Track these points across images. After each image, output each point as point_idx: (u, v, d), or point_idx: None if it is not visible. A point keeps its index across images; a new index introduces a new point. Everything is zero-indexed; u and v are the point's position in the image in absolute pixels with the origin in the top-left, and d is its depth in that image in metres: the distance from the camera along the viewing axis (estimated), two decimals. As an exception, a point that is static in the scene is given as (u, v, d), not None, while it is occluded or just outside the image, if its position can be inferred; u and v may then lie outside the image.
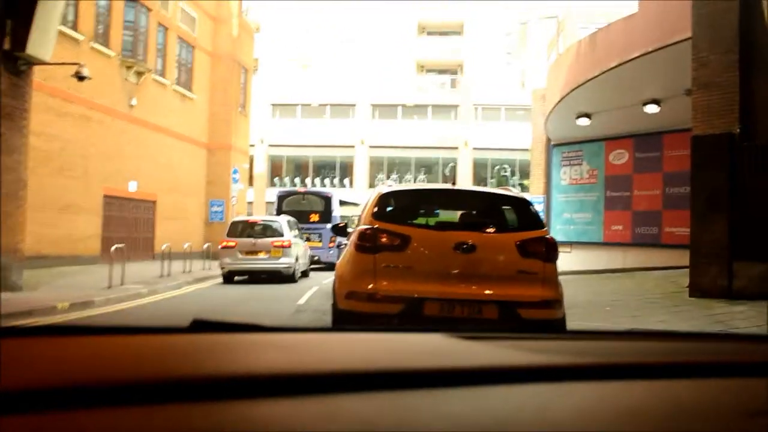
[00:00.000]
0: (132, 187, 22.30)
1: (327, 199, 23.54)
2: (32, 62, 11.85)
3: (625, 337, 1.42)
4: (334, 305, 5.95)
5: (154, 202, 24.01)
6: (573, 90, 16.59)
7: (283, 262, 15.90)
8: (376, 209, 5.82)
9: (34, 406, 0.65)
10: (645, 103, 16.22)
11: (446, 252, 5.48)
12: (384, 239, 5.56)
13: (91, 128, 19.69)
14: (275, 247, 15.88)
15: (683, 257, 16.20)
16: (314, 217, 22.22)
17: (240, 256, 15.94)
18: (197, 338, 1.04)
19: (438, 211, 7.55)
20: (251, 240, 16.08)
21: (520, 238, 5.65)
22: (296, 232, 17.48)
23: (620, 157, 19.42)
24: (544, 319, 5.39)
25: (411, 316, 5.29)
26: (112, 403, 0.67)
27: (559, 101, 17.92)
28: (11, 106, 11.37)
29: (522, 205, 6.11)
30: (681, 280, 12.28)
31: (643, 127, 18.20)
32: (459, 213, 6.39)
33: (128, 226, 22.38)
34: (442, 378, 0.83)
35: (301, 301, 12.00)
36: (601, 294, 11.77)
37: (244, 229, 16.71)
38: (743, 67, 10.50)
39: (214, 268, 20.32)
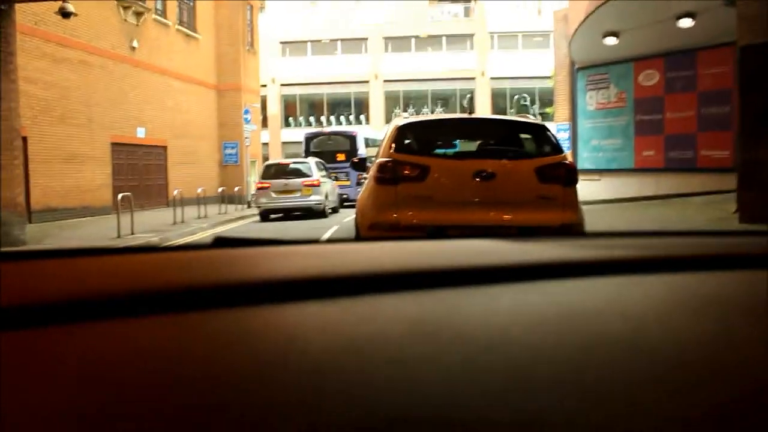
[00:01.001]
0: (140, 133, 21.53)
1: (352, 138, 23.79)
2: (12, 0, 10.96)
3: (679, 235, 1.31)
4: (357, 236, 6.20)
5: (164, 148, 23.26)
6: (600, 6, 15.40)
7: (313, 200, 17.21)
8: (394, 141, 5.79)
9: (42, 322, 0.60)
10: (678, 17, 15.03)
11: (466, 180, 5.48)
12: (404, 170, 5.55)
13: (91, 74, 18.80)
14: (305, 186, 17.15)
15: (722, 181, 15.35)
16: (341, 157, 22.16)
17: (274, 195, 17.24)
18: (220, 253, 1.01)
19: (457, 140, 7.35)
20: (283, 181, 17.28)
21: (539, 164, 5.61)
22: (324, 172, 18.61)
23: (650, 77, 18.24)
24: None
25: None
26: (125, 314, 0.63)
27: (584, 20, 16.73)
28: (-5, 50, 10.57)
29: (540, 131, 6.00)
30: (726, 206, 11.41)
31: (675, 45, 16.98)
32: (477, 142, 6.44)
33: (139, 174, 21.72)
34: (488, 275, 0.77)
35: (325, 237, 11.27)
36: (640, 223, 10.94)
37: (276, 171, 17.94)
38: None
39: (231, 212, 19.83)
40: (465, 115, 6.60)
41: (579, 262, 0.86)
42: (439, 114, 6.59)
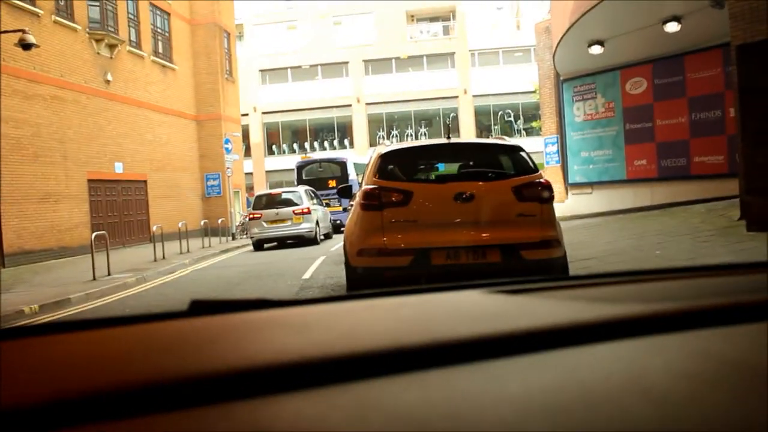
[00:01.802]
0: (118, 168, 20.92)
1: (343, 165, 23.98)
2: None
3: (689, 274, 1.23)
4: (347, 263, 6.22)
5: (144, 182, 22.65)
6: (583, 15, 14.98)
7: (304, 228, 17.57)
8: (377, 169, 5.96)
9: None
10: (664, 22, 14.64)
11: (447, 203, 5.63)
12: (388, 196, 5.71)
13: (65, 109, 18.23)
14: (296, 214, 17.55)
15: (718, 187, 14.90)
16: (332, 183, 22.34)
17: (265, 225, 17.59)
18: (197, 322, 0.97)
19: (438, 164, 7.44)
20: (274, 210, 17.67)
21: (516, 183, 5.75)
22: (315, 200, 19.00)
23: (638, 85, 17.85)
24: (545, 258, 5.56)
25: (420, 267, 5.52)
26: (96, 417, 0.57)
27: (568, 30, 16.31)
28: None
29: (515, 152, 6.17)
30: (729, 213, 10.93)
31: (662, 50, 16.62)
32: (457, 165, 6.62)
33: (119, 210, 21.08)
34: (494, 345, 0.72)
35: (306, 275, 10.73)
36: (643, 236, 10.40)
37: (267, 201, 18.19)
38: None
39: (215, 246, 19.23)
40: (444, 141, 6.58)
41: (591, 324, 0.79)
42: (419, 141, 6.66)
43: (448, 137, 6.70)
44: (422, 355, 0.70)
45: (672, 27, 14.64)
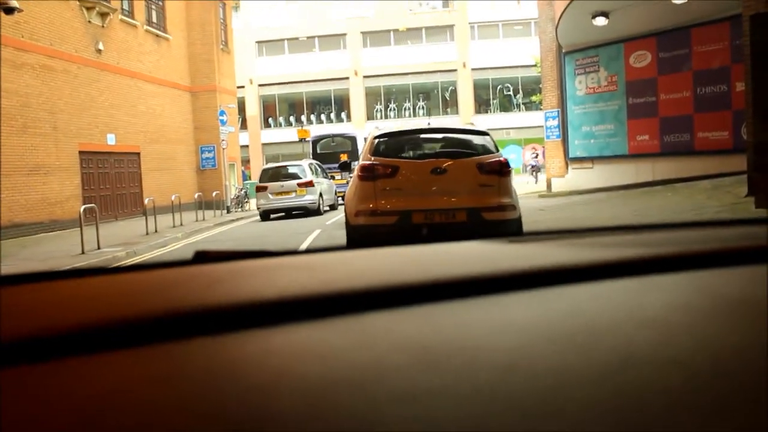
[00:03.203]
0: (111, 140, 20.50)
1: (353, 140, 25.48)
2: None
3: (691, 227, 1.27)
4: (347, 222, 7.73)
5: (137, 154, 22.24)
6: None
7: (307, 199, 18.42)
8: (372, 148, 7.48)
9: (14, 360, 0.56)
10: (672, -8, 14.25)
11: (426, 175, 7.08)
12: (380, 170, 7.17)
13: (55, 79, 17.77)
14: (300, 186, 18.35)
15: (723, 163, 14.60)
16: (344, 157, 22.28)
17: (271, 197, 18.37)
18: (202, 269, 0.97)
19: (420, 145, 8.52)
20: (279, 183, 18.45)
21: (480, 161, 7.22)
22: (319, 173, 19.91)
23: (642, 58, 17.45)
24: (502, 219, 7.01)
25: (404, 224, 6.94)
26: (105, 346, 0.58)
27: (572, 0, 15.89)
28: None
29: (482, 135, 7.71)
30: (736, 189, 10.64)
31: (668, 23, 16.21)
32: (436, 146, 8.03)
33: (111, 183, 20.71)
34: (493, 283, 0.73)
35: (302, 248, 10.45)
36: (647, 213, 10.11)
37: (273, 174, 19.08)
38: None
39: (209, 219, 18.92)
40: (425, 126, 8.27)
41: (592, 265, 0.81)
42: (406, 126, 7.45)
43: (429, 123, 8.55)
44: (427, 291, 0.70)
45: (680, -3, 14.25)
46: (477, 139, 7.68)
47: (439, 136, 8.30)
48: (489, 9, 41.90)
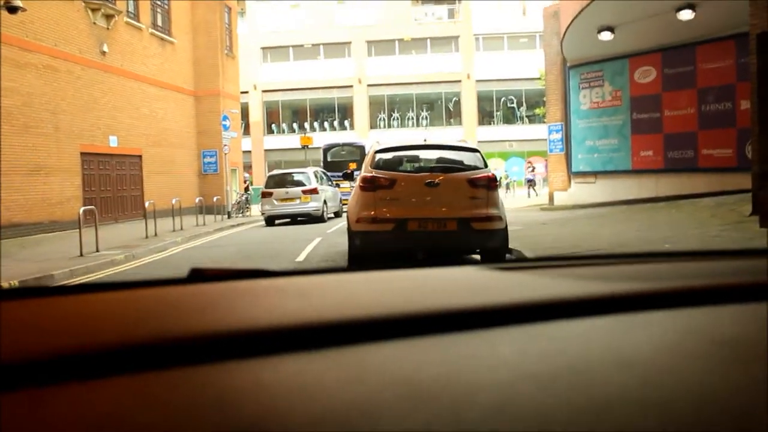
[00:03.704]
0: (113, 142, 20.45)
1: (362, 148, 25.96)
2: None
3: (678, 258, 1.27)
4: (349, 228, 8.31)
5: (139, 157, 22.18)
6: (595, -1, 14.55)
7: (311, 206, 18.73)
8: (372, 161, 8.15)
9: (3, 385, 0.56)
10: (678, 9, 14.22)
11: (420, 187, 7.70)
12: (379, 182, 7.79)
13: (58, 79, 17.74)
14: (304, 193, 18.71)
15: (726, 181, 14.53)
16: (353, 165, 22.87)
17: (276, 203, 18.76)
18: (197, 288, 0.98)
19: (415, 159, 9.04)
20: (284, 189, 18.86)
21: (470, 176, 7.80)
22: (324, 180, 20.34)
23: (647, 74, 17.42)
24: (489, 229, 7.64)
25: (399, 231, 7.57)
26: (97, 373, 0.58)
27: (578, 14, 15.88)
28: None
29: (473, 152, 8.34)
30: (740, 207, 10.57)
31: (673, 39, 16.19)
32: (429, 160, 8.61)
33: (113, 185, 20.64)
34: (483, 316, 0.74)
35: (300, 257, 10.40)
36: (650, 229, 10.02)
37: (278, 180, 19.40)
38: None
39: (209, 224, 18.86)
40: (421, 142, 9.06)
41: (582, 299, 0.81)
42: (403, 141, 7.78)
43: (425, 140, 9.14)
44: (418, 323, 0.71)
45: (686, 15, 14.24)
46: (468, 156, 8.27)
47: (434, 152, 8.84)
48: (494, 21, 41.91)
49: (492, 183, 7.79)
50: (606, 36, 16.32)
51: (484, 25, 42.00)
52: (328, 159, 26.29)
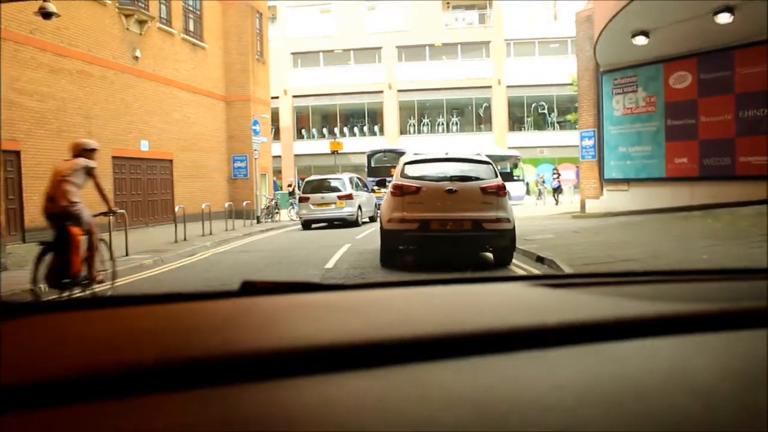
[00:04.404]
0: (144, 146, 20.63)
1: (402, 155, 25.56)
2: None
3: (728, 276, 1.22)
4: (381, 227, 9.66)
5: (170, 161, 22.36)
6: (629, 2, 14.27)
7: (346, 211, 19.66)
8: (401, 171, 9.62)
9: (36, 403, 0.55)
10: (716, 12, 13.88)
11: (441, 194, 9.10)
12: (407, 188, 9.24)
13: (91, 85, 17.93)
14: (339, 199, 19.58)
15: (765, 189, 14.16)
16: (393, 171, 22.85)
17: (312, 207, 19.66)
18: (249, 302, 0.99)
19: (438, 169, 9.98)
20: (320, 194, 19.73)
21: (484, 185, 9.16)
22: (360, 186, 21.22)
23: (682, 79, 17.08)
24: (498, 228, 8.95)
25: (423, 229, 8.97)
26: (143, 390, 0.57)
27: (612, 18, 15.60)
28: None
29: (486, 165, 9.66)
30: (782, 217, 10.25)
31: (710, 43, 15.85)
32: (449, 171, 9.63)
33: (143, 189, 20.81)
34: (545, 335, 0.74)
35: (329, 264, 10.32)
36: (687, 239, 9.77)
37: (315, 186, 20.29)
38: None
39: (238, 228, 18.89)
40: (444, 156, 10.06)
41: (636, 320, 0.79)
42: (429, 154, 8.45)
43: (446, 153, 10.16)
44: (476, 341, 0.71)
45: (724, 18, 13.88)
46: (482, 167, 9.61)
47: (453, 164, 9.88)
48: (525, 26, 41.61)
49: (501, 191, 9.13)
50: (640, 40, 16.02)
51: (515, 30, 41.71)
52: (372, 165, 27.29)
